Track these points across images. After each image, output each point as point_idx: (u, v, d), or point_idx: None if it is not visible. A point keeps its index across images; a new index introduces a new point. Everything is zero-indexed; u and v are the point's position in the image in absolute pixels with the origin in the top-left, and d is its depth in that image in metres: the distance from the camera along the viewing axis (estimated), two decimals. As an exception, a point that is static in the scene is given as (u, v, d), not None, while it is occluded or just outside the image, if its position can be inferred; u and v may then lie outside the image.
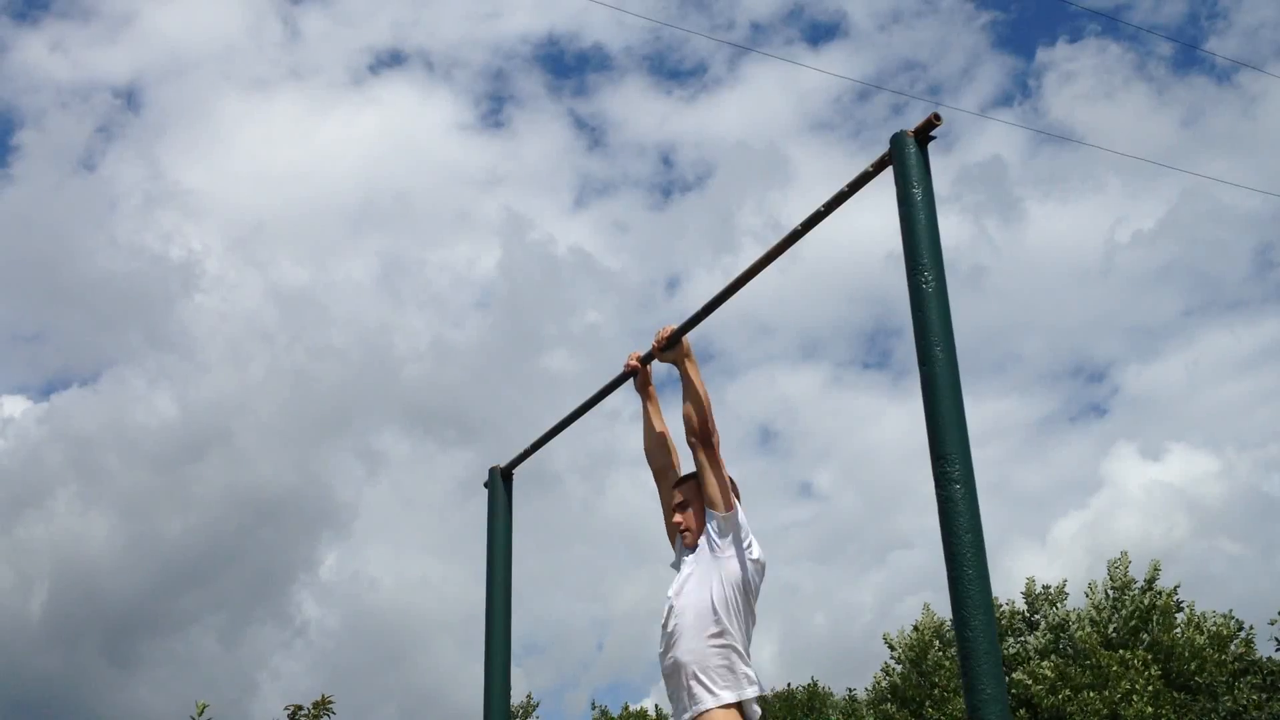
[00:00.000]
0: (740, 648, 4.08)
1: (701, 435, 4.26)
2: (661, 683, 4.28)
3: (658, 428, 4.70)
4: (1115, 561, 25.15)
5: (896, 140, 3.49)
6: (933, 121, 3.41)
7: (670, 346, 4.43)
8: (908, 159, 3.45)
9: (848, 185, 3.71)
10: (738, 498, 4.34)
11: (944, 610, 24.95)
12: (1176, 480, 46.26)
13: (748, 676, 4.07)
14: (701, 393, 4.32)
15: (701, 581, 4.16)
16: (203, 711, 7.67)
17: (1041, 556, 41.91)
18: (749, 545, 4.19)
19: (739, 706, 4.01)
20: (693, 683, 4.04)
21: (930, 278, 3.36)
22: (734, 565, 4.13)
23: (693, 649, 4.07)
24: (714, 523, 4.23)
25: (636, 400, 4.88)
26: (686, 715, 4.05)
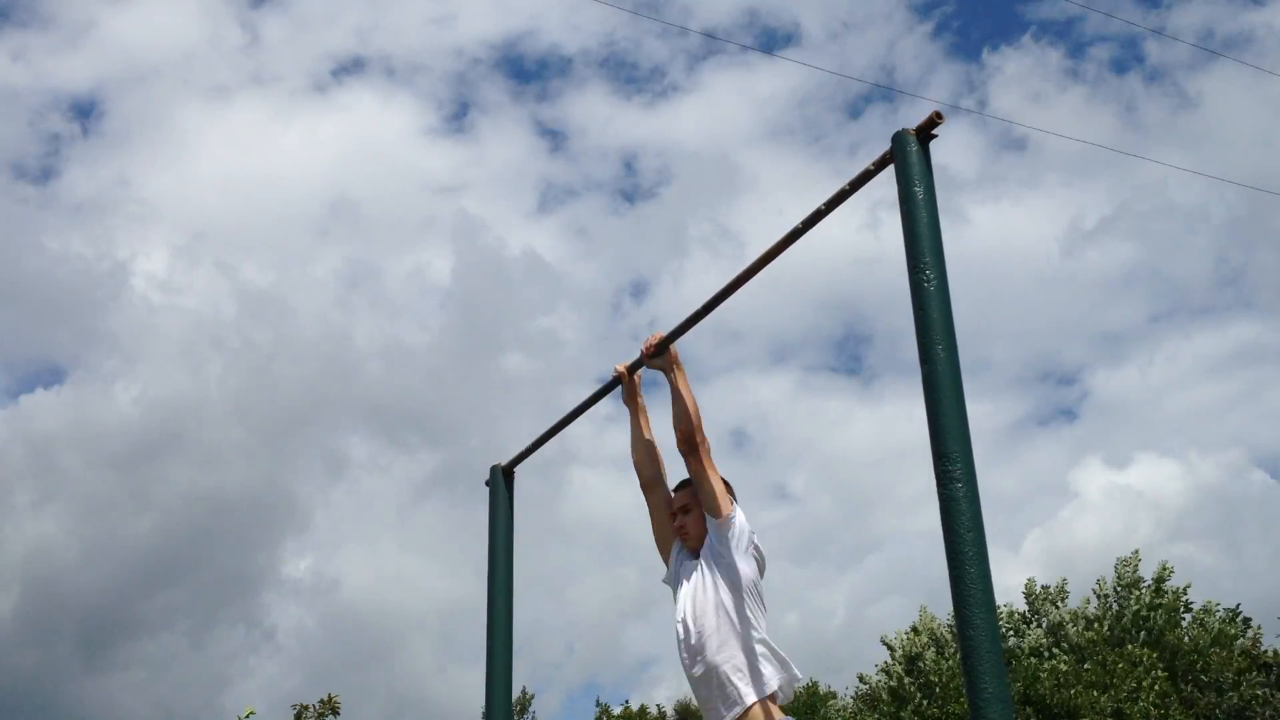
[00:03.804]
0: (764, 641, 4.28)
1: (692, 442, 4.39)
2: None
3: (647, 437, 4.80)
4: (1124, 560, 25.61)
5: (898, 139, 3.59)
6: (934, 120, 3.52)
7: (658, 354, 4.56)
8: (909, 157, 3.57)
9: (849, 184, 3.83)
10: (734, 498, 4.49)
11: (938, 611, 25.26)
12: (1137, 484, 47.49)
13: (779, 665, 4.28)
14: (690, 400, 4.45)
15: (714, 588, 4.32)
16: (249, 716, 7.76)
17: (1016, 561, 42.70)
18: (750, 544, 4.37)
19: (773, 697, 4.23)
20: (728, 685, 4.21)
21: (932, 276, 3.48)
22: (742, 565, 4.31)
23: (722, 653, 4.25)
24: (715, 528, 4.38)
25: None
26: (728, 717, 4.21)
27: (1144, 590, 24.80)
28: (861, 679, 26.07)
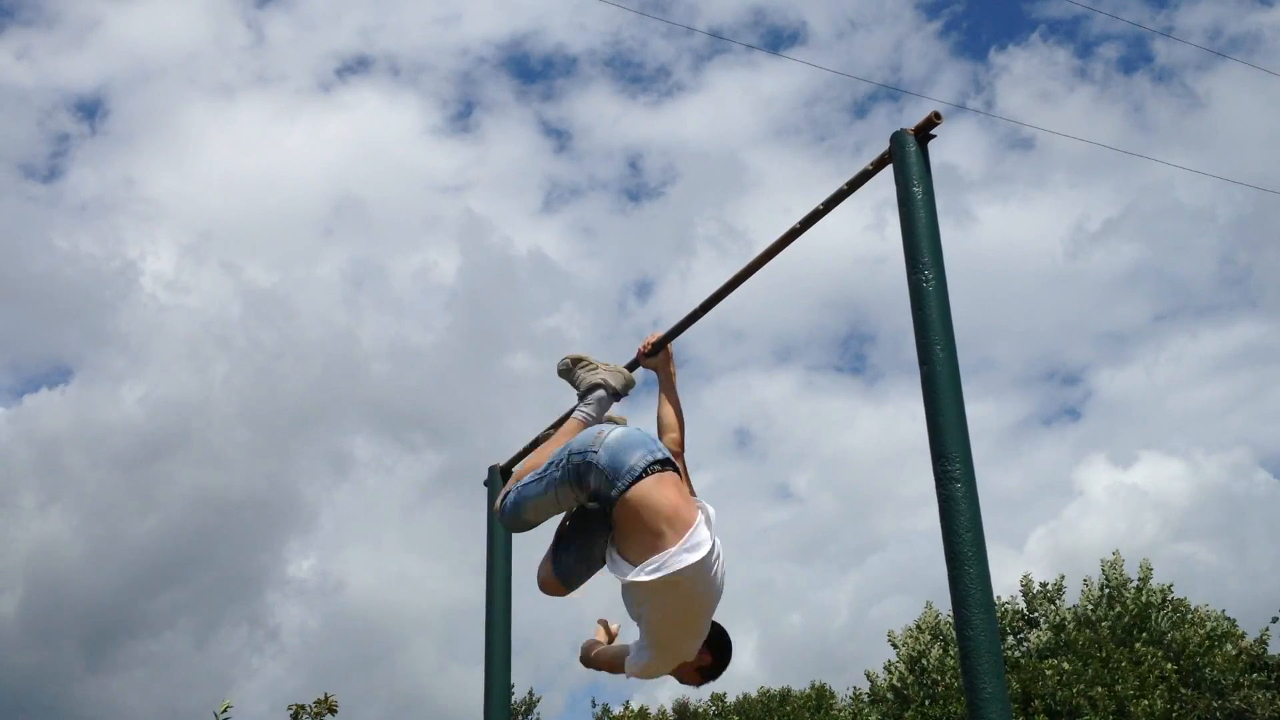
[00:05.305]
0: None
1: (683, 446, 4.43)
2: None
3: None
4: (1110, 562, 25.73)
5: (897, 139, 3.62)
6: (933, 120, 3.54)
7: (654, 353, 4.69)
8: (908, 157, 3.59)
9: (846, 184, 3.85)
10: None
11: (942, 610, 25.30)
12: (1142, 483, 47.68)
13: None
14: (679, 407, 4.57)
15: None
16: (225, 710, 7.81)
17: (1020, 560, 42.88)
18: None
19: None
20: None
21: (930, 276, 3.50)
22: None
23: None
24: None
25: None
26: None
27: (1131, 590, 24.94)
28: (869, 676, 26.14)
